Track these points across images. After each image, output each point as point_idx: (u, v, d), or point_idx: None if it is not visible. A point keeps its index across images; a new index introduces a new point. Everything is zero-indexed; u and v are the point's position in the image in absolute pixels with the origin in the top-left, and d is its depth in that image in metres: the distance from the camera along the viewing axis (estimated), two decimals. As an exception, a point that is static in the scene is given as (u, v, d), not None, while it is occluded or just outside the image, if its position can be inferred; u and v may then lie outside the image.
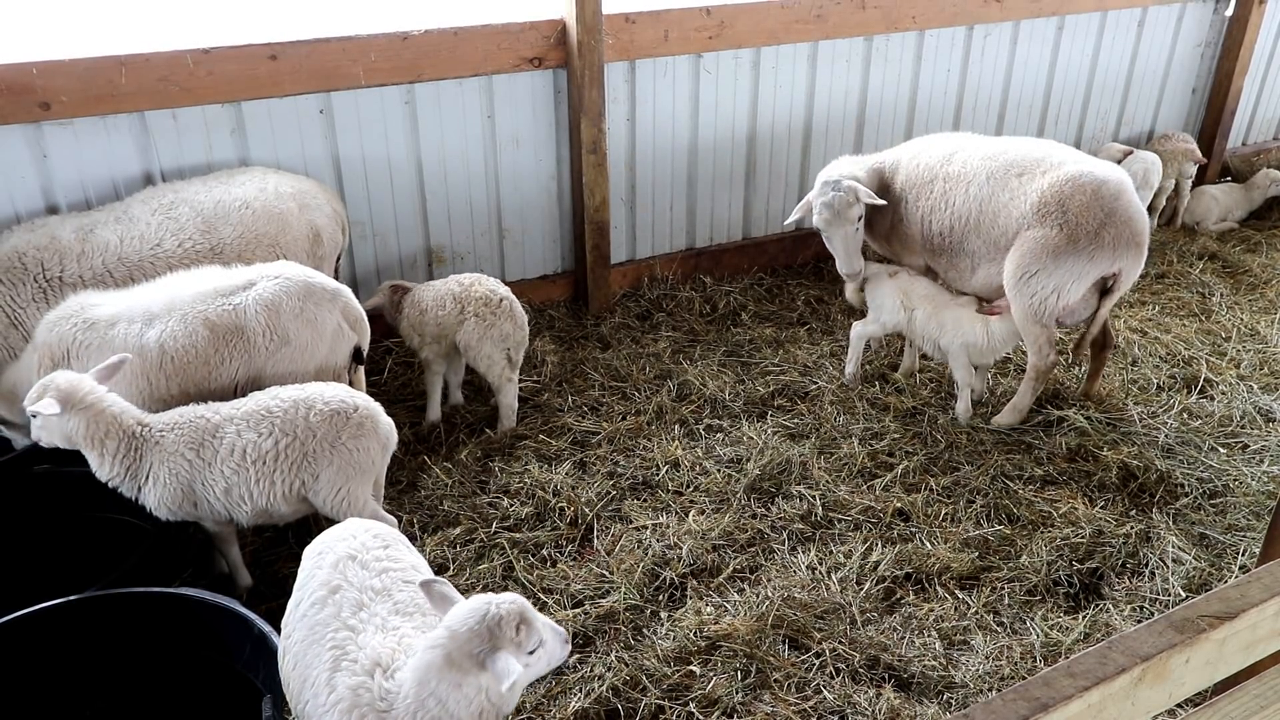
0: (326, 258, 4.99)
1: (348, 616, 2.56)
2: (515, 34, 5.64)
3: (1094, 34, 7.77)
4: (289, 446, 3.56)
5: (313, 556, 2.86)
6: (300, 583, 2.79)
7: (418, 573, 2.81)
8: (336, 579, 2.69)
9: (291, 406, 3.61)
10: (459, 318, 4.89)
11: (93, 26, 5.30)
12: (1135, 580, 4.13)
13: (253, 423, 3.58)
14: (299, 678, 2.55)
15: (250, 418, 3.59)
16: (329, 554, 2.80)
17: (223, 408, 3.66)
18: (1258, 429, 5.17)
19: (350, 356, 4.25)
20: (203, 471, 3.55)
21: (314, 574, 2.76)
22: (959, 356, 5.13)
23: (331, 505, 3.67)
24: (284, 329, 3.96)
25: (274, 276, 4.03)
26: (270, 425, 3.56)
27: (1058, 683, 1.70)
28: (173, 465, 3.53)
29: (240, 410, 3.63)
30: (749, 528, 4.40)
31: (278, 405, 3.62)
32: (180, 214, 4.53)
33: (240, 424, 3.58)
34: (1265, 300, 6.69)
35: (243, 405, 3.65)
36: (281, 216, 4.73)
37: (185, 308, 3.89)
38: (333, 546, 2.85)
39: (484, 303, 4.89)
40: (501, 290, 5.00)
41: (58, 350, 3.86)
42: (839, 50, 6.77)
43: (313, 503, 3.68)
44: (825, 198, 5.17)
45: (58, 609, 3.10)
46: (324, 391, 3.70)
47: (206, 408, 3.67)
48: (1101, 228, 4.66)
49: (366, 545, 2.83)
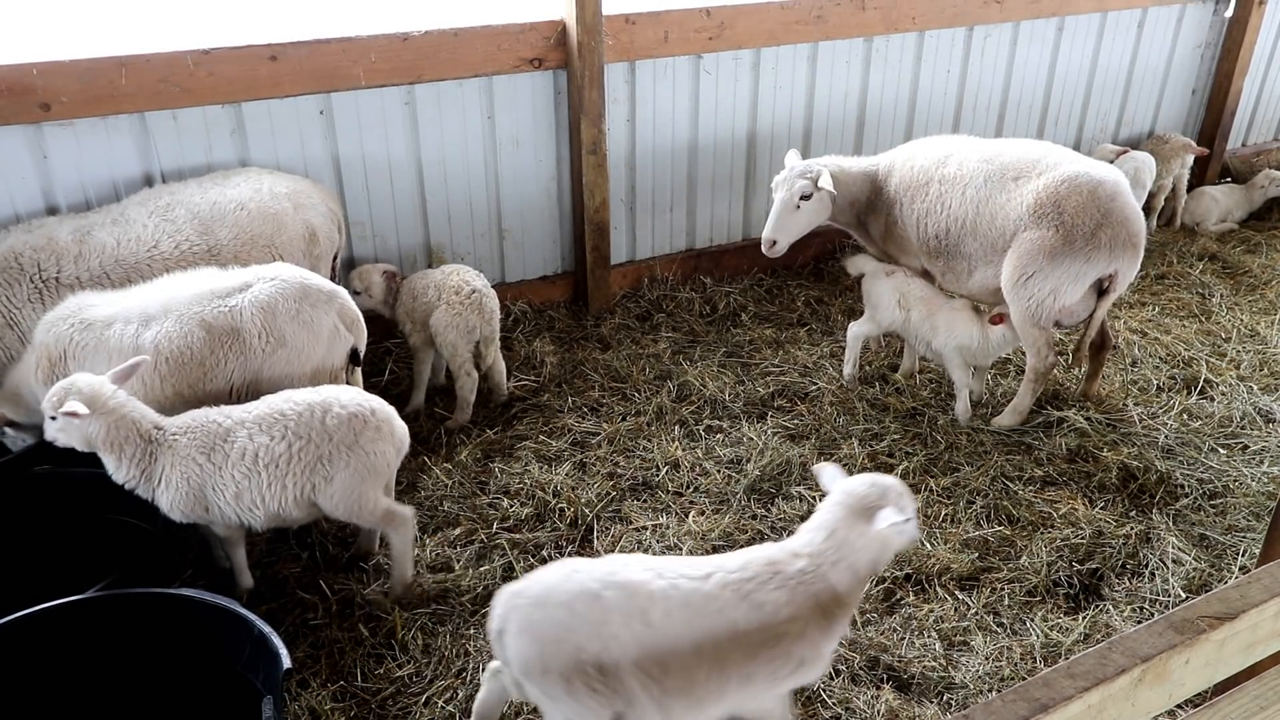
0: (323, 257, 4.99)
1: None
2: (515, 35, 5.64)
3: (1094, 35, 7.77)
4: (302, 450, 3.55)
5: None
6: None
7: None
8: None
9: (306, 410, 3.60)
10: (436, 304, 5.04)
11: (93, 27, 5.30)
12: (1135, 581, 4.13)
13: (265, 426, 3.57)
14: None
15: (262, 421, 3.58)
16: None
17: (235, 411, 3.65)
18: (1258, 430, 5.17)
19: (347, 358, 4.25)
20: (213, 476, 3.55)
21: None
22: (954, 359, 5.14)
23: (344, 509, 3.66)
24: (280, 331, 3.97)
25: (270, 278, 4.04)
26: (284, 429, 3.55)
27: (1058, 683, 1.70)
28: (184, 469, 3.54)
29: (252, 414, 3.61)
30: (749, 529, 4.40)
31: (291, 409, 3.61)
32: (176, 216, 4.54)
33: (252, 428, 3.57)
34: (1265, 301, 6.69)
35: (255, 409, 3.64)
36: (277, 217, 4.73)
37: (181, 309, 3.89)
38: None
39: (455, 291, 5.03)
40: (477, 283, 5.11)
41: (55, 351, 3.87)
42: (839, 51, 6.78)
43: (323, 506, 3.67)
44: (793, 162, 5.39)
45: (58, 610, 3.09)
46: (340, 395, 3.69)
47: (219, 411, 3.66)
48: (1098, 228, 4.66)
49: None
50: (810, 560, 2.78)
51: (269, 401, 3.68)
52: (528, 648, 2.66)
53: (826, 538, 2.81)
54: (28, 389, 4.05)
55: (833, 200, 5.38)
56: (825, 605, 2.73)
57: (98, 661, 3.16)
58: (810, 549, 2.81)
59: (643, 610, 2.63)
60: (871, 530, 2.79)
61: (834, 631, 2.79)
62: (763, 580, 2.73)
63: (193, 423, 3.61)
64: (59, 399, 3.42)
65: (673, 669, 2.63)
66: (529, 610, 2.68)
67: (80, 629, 3.12)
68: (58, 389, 3.45)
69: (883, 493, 2.84)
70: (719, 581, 2.71)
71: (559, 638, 2.64)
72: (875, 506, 2.80)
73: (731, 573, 2.74)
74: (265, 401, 3.69)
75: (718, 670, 2.67)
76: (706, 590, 2.69)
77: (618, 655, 2.61)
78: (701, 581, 2.71)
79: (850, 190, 5.44)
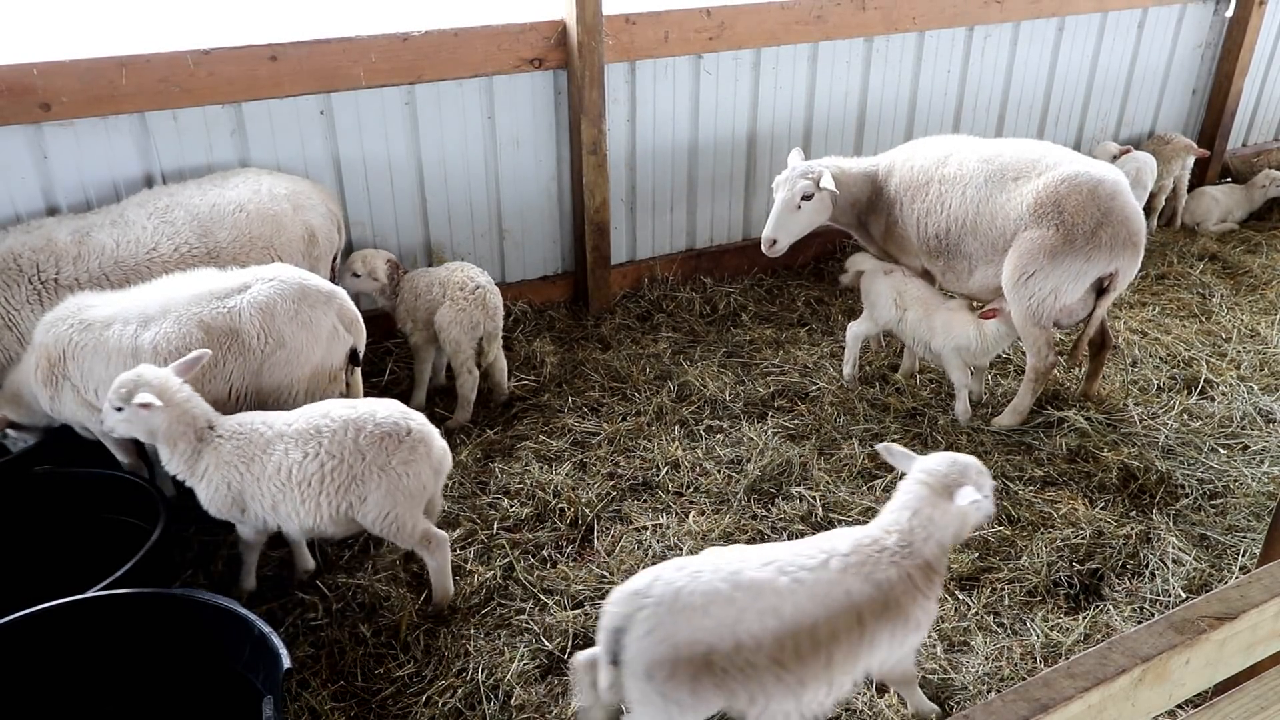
0: (322, 258, 4.99)
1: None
2: (515, 35, 5.64)
3: (1094, 35, 7.77)
4: (335, 469, 3.51)
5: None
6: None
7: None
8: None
9: (341, 427, 3.54)
10: (440, 301, 5.05)
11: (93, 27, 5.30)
12: (1135, 581, 4.13)
13: (301, 442, 3.53)
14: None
15: (300, 437, 3.54)
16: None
17: (278, 422, 3.62)
18: (1258, 430, 5.17)
19: (346, 358, 4.25)
20: (252, 485, 3.55)
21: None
22: (953, 360, 5.14)
23: (380, 528, 3.64)
24: (279, 332, 3.96)
25: (269, 279, 4.04)
26: (317, 446, 3.52)
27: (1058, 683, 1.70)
28: (225, 473, 3.55)
29: (292, 427, 3.58)
30: (749, 529, 4.40)
31: (328, 425, 3.56)
32: (176, 217, 4.53)
33: (290, 442, 3.54)
34: (1265, 301, 6.69)
35: (296, 422, 3.61)
36: (276, 218, 4.73)
37: (180, 310, 3.89)
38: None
39: (460, 287, 5.04)
40: (481, 279, 5.11)
41: (54, 351, 3.88)
42: (839, 51, 6.78)
43: (361, 524, 3.66)
44: (796, 162, 5.43)
45: (58, 610, 3.09)
46: (376, 411, 3.62)
47: (264, 420, 3.63)
48: (1098, 227, 4.66)
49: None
50: (902, 537, 2.98)
51: (308, 414, 3.63)
52: (658, 649, 2.70)
53: (912, 516, 3.00)
54: (27, 389, 4.06)
55: (834, 201, 5.38)
56: (925, 573, 2.98)
57: (98, 662, 3.16)
58: (899, 527, 3.00)
59: (774, 607, 2.76)
60: (953, 507, 2.98)
61: (935, 592, 3.03)
62: (876, 560, 2.93)
63: (239, 428, 3.60)
64: (128, 390, 3.45)
65: (805, 654, 2.77)
66: (658, 612, 2.72)
67: (81, 629, 3.12)
68: (125, 380, 3.48)
69: (962, 471, 3.03)
70: (839, 567, 2.88)
71: (693, 640, 2.70)
72: (955, 484, 2.99)
73: (847, 556, 2.92)
74: (305, 413, 3.64)
75: (847, 646, 2.84)
76: (829, 577, 2.86)
77: (751, 652, 2.73)
78: (822, 570, 2.87)
79: (851, 190, 5.45)
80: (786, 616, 2.76)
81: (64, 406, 3.99)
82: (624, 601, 2.79)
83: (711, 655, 2.70)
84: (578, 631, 3.81)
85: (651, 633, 2.71)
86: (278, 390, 4.05)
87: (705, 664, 2.70)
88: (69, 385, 3.91)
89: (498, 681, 3.58)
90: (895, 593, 2.90)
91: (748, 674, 2.74)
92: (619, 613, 2.78)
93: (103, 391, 3.85)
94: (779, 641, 2.74)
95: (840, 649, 2.82)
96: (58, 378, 3.91)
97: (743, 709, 2.80)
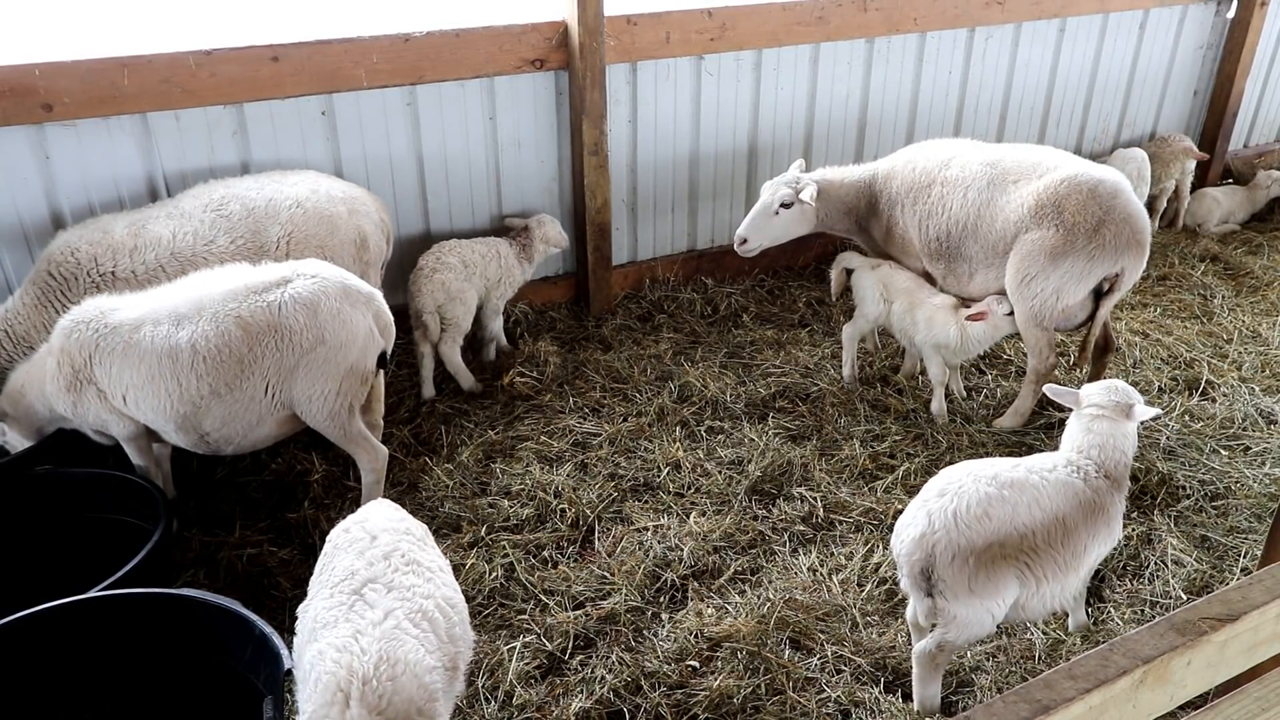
0: (372, 264, 4.97)
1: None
2: (517, 36, 5.64)
3: (1095, 36, 7.77)
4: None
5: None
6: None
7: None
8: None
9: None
10: (495, 259, 5.68)
11: (95, 28, 5.30)
12: (1136, 582, 4.13)
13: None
14: None
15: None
16: None
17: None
18: (1259, 431, 5.17)
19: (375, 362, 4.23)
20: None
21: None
22: (931, 355, 5.14)
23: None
24: (320, 328, 3.92)
25: (310, 275, 4.00)
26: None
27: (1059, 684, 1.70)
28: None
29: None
30: (750, 529, 4.40)
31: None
32: (232, 210, 4.53)
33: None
34: (1267, 302, 6.69)
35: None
36: (331, 219, 4.73)
37: (216, 307, 3.85)
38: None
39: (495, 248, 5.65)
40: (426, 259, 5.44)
41: (79, 356, 3.83)
42: (840, 52, 6.78)
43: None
44: (796, 172, 5.54)
45: (59, 611, 3.09)
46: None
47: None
48: (1100, 225, 4.67)
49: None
50: (1099, 459, 3.43)
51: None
52: (966, 568, 3.14)
53: (1103, 445, 3.44)
54: (35, 391, 4.02)
55: (817, 215, 5.45)
56: (1118, 485, 3.46)
57: (99, 662, 3.16)
58: (1093, 457, 3.43)
59: (1035, 499, 3.28)
60: (1130, 426, 3.48)
61: (1122, 504, 3.48)
62: (1088, 472, 3.41)
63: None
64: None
65: (1059, 542, 3.27)
66: (952, 539, 3.16)
67: (81, 629, 3.12)
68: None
69: (1127, 393, 3.50)
70: (1065, 475, 3.38)
71: (988, 543, 3.17)
72: (1127, 404, 3.46)
73: (1069, 467, 3.41)
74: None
75: (1085, 537, 3.33)
76: (1064, 478, 3.37)
77: (1029, 538, 3.23)
78: (1055, 473, 3.38)
79: (844, 200, 5.50)
80: (1046, 506, 3.27)
81: (87, 412, 3.95)
82: (915, 546, 3.22)
83: (1004, 549, 3.19)
84: (578, 632, 3.80)
85: (956, 557, 3.15)
86: (312, 390, 3.99)
87: (1002, 557, 3.18)
88: (93, 389, 3.88)
89: (498, 682, 3.58)
90: (1104, 500, 3.38)
91: (1031, 557, 3.23)
92: (918, 558, 3.21)
93: (132, 395, 3.84)
94: (1046, 528, 3.25)
95: (1079, 540, 3.30)
96: (82, 382, 3.87)
97: (1030, 594, 3.28)
